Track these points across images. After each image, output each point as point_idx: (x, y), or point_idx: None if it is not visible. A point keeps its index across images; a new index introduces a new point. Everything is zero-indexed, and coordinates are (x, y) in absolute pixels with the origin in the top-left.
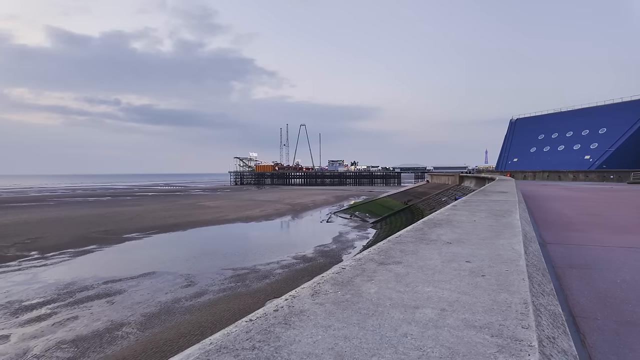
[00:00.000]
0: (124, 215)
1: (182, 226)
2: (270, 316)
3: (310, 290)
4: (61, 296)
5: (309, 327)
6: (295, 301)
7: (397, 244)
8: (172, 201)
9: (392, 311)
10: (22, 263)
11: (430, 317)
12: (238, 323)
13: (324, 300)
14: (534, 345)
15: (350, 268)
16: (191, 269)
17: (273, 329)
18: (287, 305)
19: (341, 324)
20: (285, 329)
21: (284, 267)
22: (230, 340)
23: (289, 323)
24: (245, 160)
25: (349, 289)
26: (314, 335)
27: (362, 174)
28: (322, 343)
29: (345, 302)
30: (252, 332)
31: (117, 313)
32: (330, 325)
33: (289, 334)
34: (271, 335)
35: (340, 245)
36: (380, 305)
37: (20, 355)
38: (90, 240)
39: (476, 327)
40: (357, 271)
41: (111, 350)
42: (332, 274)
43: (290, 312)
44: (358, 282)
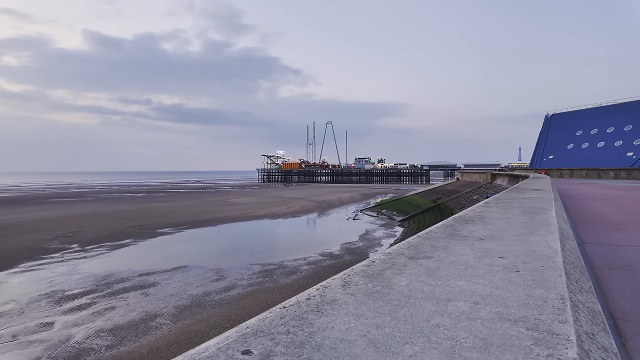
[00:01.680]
0: (157, 211)
1: (212, 222)
2: (303, 304)
3: (341, 281)
4: (100, 287)
5: (341, 315)
6: (327, 291)
7: (427, 239)
8: (202, 198)
9: (423, 303)
10: (64, 255)
11: (463, 309)
12: (272, 309)
13: (355, 291)
14: (571, 340)
15: (380, 262)
16: (221, 263)
17: (306, 315)
18: (319, 295)
19: (373, 313)
20: (318, 316)
21: (311, 263)
22: (266, 325)
23: (321, 311)
24: (273, 157)
25: (379, 281)
26: (346, 322)
27: (389, 172)
28: (354, 330)
29: (376, 293)
30: (287, 318)
31: (151, 304)
32: (362, 314)
33: (321, 321)
34: (304, 322)
35: (366, 243)
36: (411, 297)
37: (63, 341)
38: (126, 235)
39: (510, 320)
40: (387, 265)
41: (146, 339)
42: (362, 266)
43: (322, 300)
44: (388, 275)
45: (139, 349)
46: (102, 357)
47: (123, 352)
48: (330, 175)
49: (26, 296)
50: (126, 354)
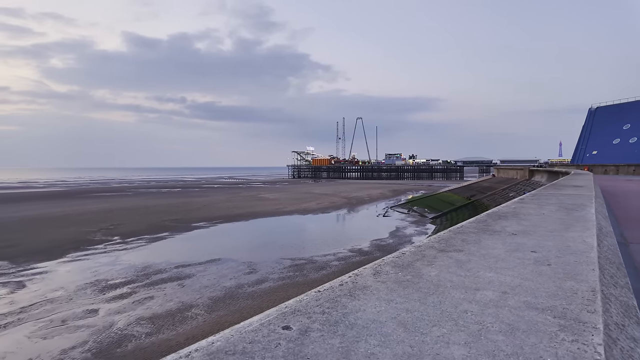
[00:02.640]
0: (193, 206)
1: (244, 216)
2: (337, 289)
3: (372, 270)
4: (139, 277)
5: (372, 300)
6: (359, 278)
7: (459, 233)
8: (235, 193)
9: (452, 291)
10: (107, 246)
11: (491, 298)
12: (308, 293)
13: (385, 279)
14: (598, 328)
15: (410, 253)
16: (253, 257)
17: (340, 299)
18: (351, 281)
19: (402, 299)
20: (350, 300)
21: (340, 259)
22: (303, 306)
23: (353, 295)
24: (303, 154)
25: (409, 271)
26: (377, 306)
27: (420, 168)
28: (385, 313)
29: (406, 281)
30: (321, 300)
31: (187, 295)
32: (392, 300)
33: (354, 304)
34: (338, 304)
35: (397, 240)
36: (440, 286)
37: (107, 327)
38: (163, 228)
39: (538, 309)
40: (417, 256)
41: (182, 328)
42: (392, 257)
43: (354, 286)
44: (418, 266)
45: (175, 337)
46: (142, 344)
47: (161, 339)
48: (360, 171)
49: (73, 284)
50: (164, 341)
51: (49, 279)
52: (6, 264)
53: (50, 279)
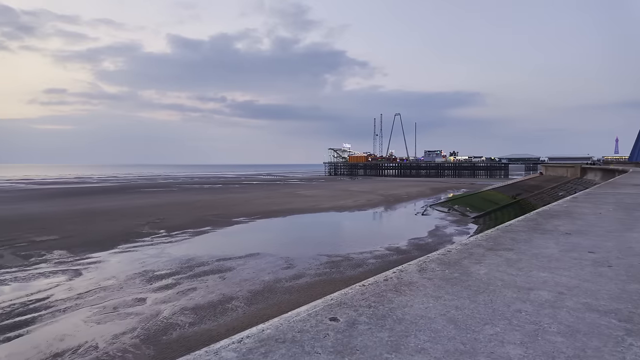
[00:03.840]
0: (233, 201)
1: (281, 213)
2: (381, 284)
3: (417, 267)
4: (183, 269)
5: (419, 296)
6: (403, 274)
7: (507, 232)
8: (273, 189)
9: (503, 290)
10: (153, 239)
11: (547, 298)
12: (352, 286)
13: (432, 276)
14: None
15: (457, 251)
16: (290, 252)
17: (385, 294)
18: (396, 277)
19: (451, 296)
20: (396, 295)
21: (377, 257)
22: (348, 299)
23: (399, 291)
24: (339, 151)
25: (456, 268)
26: (424, 302)
27: (462, 165)
28: (433, 309)
29: (453, 279)
30: (367, 294)
31: (227, 288)
32: (440, 297)
33: (400, 299)
34: (384, 299)
35: (436, 240)
36: (490, 284)
37: (154, 315)
38: (205, 222)
39: (600, 312)
40: (463, 254)
41: (223, 320)
42: (437, 255)
43: (400, 282)
44: (466, 264)
45: (217, 328)
46: (185, 333)
47: (203, 329)
48: (398, 168)
49: (124, 274)
50: (206, 331)
51: (102, 268)
52: (65, 253)
53: (103, 268)
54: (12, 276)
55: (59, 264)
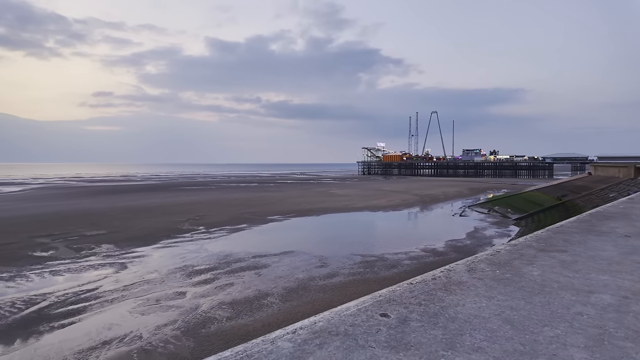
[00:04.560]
0: (268, 200)
1: (315, 211)
2: (430, 282)
3: (465, 267)
4: (221, 265)
5: (470, 296)
6: (452, 274)
7: (559, 233)
8: (306, 188)
9: (560, 292)
10: (193, 235)
11: (609, 302)
12: (400, 284)
13: (482, 276)
14: None
15: (506, 252)
16: (323, 251)
17: (435, 292)
18: (445, 276)
19: (504, 297)
20: (447, 294)
21: (412, 258)
22: (397, 296)
23: (449, 290)
24: (373, 150)
25: (507, 269)
26: (477, 302)
27: (503, 165)
28: (487, 309)
29: (505, 280)
30: (416, 292)
31: (263, 284)
32: (493, 297)
33: (451, 298)
34: (434, 297)
35: (475, 242)
36: (545, 286)
37: (193, 309)
38: (242, 220)
39: None
40: (514, 255)
41: (259, 315)
42: (486, 255)
43: (449, 281)
44: (517, 265)
45: (253, 323)
46: (223, 327)
47: (240, 324)
48: (434, 168)
49: (165, 268)
50: (243, 326)
51: (145, 262)
52: (112, 247)
53: (146, 262)
54: (65, 267)
55: (107, 257)
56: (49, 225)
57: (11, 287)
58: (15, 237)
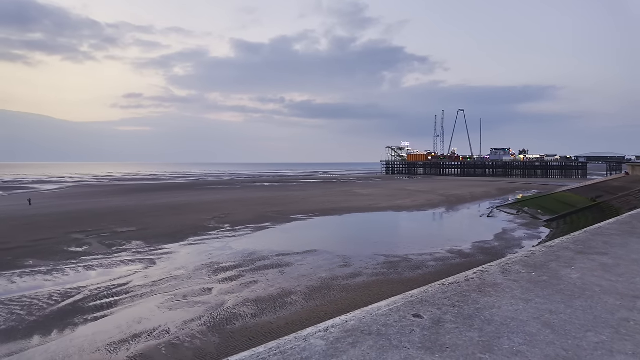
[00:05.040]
0: (291, 199)
1: (338, 211)
2: (463, 284)
3: (499, 268)
4: (245, 262)
5: (506, 298)
6: (485, 275)
7: (598, 235)
8: (329, 188)
9: (603, 297)
10: (219, 233)
11: None
12: (432, 285)
13: (517, 278)
14: None
15: (541, 254)
16: (346, 250)
17: (469, 294)
18: (478, 278)
19: (543, 300)
20: (481, 296)
21: (438, 260)
22: (430, 297)
23: (483, 291)
24: (397, 149)
25: (543, 271)
26: (513, 304)
27: (533, 164)
28: (524, 312)
29: (542, 282)
30: (449, 293)
31: (287, 282)
32: (530, 300)
33: (486, 300)
34: (468, 299)
35: (503, 243)
36: (586, 290)
37: (219, 305)
38: (265, 219)
39: None
40: (550, 257)
41: (282, 313)
42: (520, 257)
43: (483, 283)
44: (554, 267)
45: (276, 321)
46: (247, 324)
47: (264, 321)
48: (461, 167)
49: (192, 265)
50: (267, 323)
51: (173, 259)
52: (142, 243)
53: (174, 259)
54: (98, 262)
55: (137, 253)
56: (83, 221)
57: (49, 281)
58: (52, 232)
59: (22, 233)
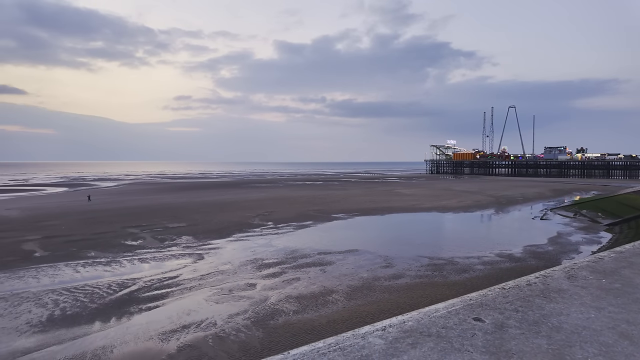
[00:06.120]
0: (332, 198)
1: (379, 211)
2: (525, 288)
3: (564, 273)
4: (288, 259)
5: (575, 305)
6: (549, 280)
7: None
8: (370, 187)
9: None
10: (262, 230)
11: None
12: (491, 288)
13: (585, 285)
14: None
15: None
16: (388, 251)
17: (532, 299)
18: (541, 282)
19: (617, 309)
20: (546, 302)
21: (486, 263)
22: (490, 300)
23: (548, 297)
24: (442, 148)
25: (615, 278)
26: (583, 312)
27: (592, 164)
28: (597, 321)
29: (615, 290)
30: (510, 298)
31: (328, 281)
32: (602, 308)
33: (552, 306)
34: (532, 304)
35: (558, 248)
36: None
37: (262, 300)
38: (307, 217)
39: None
40: (621, 263)
41: (324, 311)
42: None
43: (546, 288)
44: (627, 274)
45: (318, 319)
46: (290, 320)
47: (306, 318)
48: (511, 167)
49: (237, 260)
50: (309, 321)
51: (219, 254)
52: (191, 238)
53: (220, 254)
54: (151, 256)
55: (186, 248)
56: (138, 217)
57: (108, 271)
58: (111, 227)
59: (85, 226)
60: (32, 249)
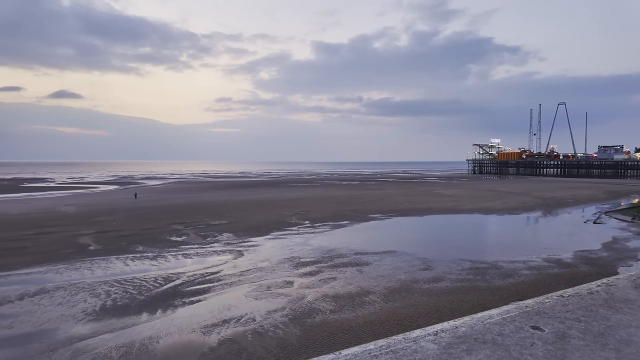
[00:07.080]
0: (369, 198)
1: (418, 211)
2: (586, 297)
3: (630, 282)
4: (324, 259)
5: None
6: (613, 289)
7: None
8: (409, 188)
9: None
10: (299, 229)
11: None
12: (548, 295)
13: None
14: None
15: None
16: (427, 253)
17: (596, 309)
18: (604, 291)
19: None
20: (611, 312)
21: (532, 268)
22: (548, 308)
23: (613, 307)
24: (486, 147)
25: None
26: None
27: None
28: None
29: None
30: (570, 307)
31: (365, 281)
32: None
33: (619, 318)
34: (596, 314)
35: (614, 254)
36: None
37: (300, 298)
38: (343, 217)
39: None
40: None
41: (360, 312)
42: None
43: (611, 298)
44: None
45: (355, 319)
46: (327, 319)
47: (343, 318)
48: (561, 167)
49: (275, 258)
50: (345, 320)
51: (258, 251)
52: (232, 235)
53: (259, 251)
54: (194, 252)
55: (227, 245)
56: (183, 214)
57: (154, 266)
58: (157, 223)
59: (134, 222)
60: (87, 242)
